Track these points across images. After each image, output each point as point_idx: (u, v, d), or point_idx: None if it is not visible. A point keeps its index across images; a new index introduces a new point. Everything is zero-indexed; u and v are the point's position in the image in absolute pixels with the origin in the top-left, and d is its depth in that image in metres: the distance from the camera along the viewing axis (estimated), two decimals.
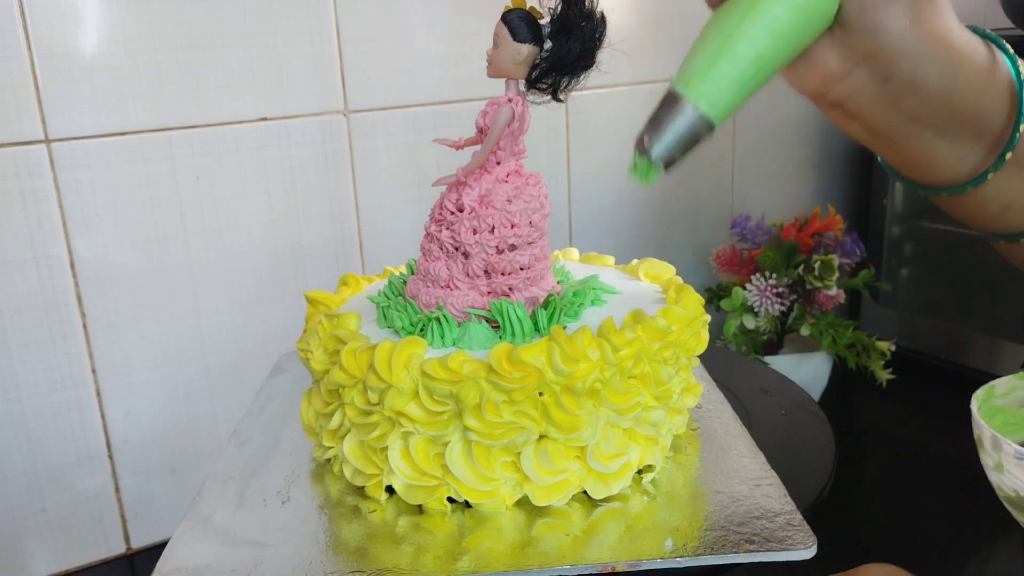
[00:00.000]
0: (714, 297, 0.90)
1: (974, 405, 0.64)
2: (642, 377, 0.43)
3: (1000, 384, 0.68)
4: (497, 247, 0.44)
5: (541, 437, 0.41)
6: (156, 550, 0.73)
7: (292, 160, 0.73)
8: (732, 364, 0.59)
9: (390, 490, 0.43)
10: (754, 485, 0.43)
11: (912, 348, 1.02)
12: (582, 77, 0.43)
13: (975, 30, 0.39)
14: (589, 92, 0.87)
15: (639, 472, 0.44)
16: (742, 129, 1.00)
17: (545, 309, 0.45)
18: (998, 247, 0.46)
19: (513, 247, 0.44)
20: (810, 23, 0.36)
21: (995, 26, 1.13)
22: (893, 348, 0.87)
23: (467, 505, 0.43)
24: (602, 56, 0.44)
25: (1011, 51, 0.39)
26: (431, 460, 0.42)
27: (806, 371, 0.88)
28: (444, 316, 0.44)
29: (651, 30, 0.89)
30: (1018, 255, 0.45)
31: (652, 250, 0.96)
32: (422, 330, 0.44)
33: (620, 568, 0.38)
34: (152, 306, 0.69)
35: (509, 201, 0.44)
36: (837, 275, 0.83)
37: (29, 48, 0.61)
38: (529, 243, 0.45)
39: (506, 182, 0.44)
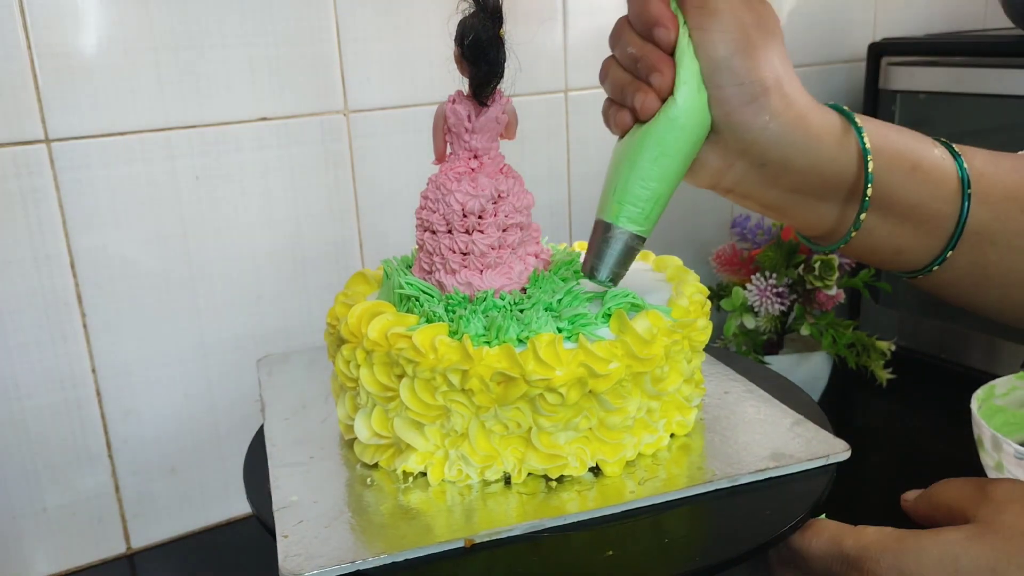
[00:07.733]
0: (714, 297, 0.90)
1: (974, 405, 0.64)
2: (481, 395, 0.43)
3: (1000, 384, 0.68)
4: (422, 224, 0.49)
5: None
6: (156, 550, 0.73)
7: (292, 160, 0.73)
8: (732, 364, 0.59)
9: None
10: None
11: (912, 348, 1.02)
12: (494, 83, 0.45)
13: (831, 106, 0.46)
14: (589, 92, 0.87)
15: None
16: None
17: (423, 297, 0.47)
18: (909, 282, 0.50)
19: (433, 232, 0.48)
20: (693, 137, 0.43)
21: (995, 26, 1.13)
22: (893, 348, 0.87)
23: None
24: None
25: (858, 122, 0.45)
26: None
27: (806, 371, 0.88)
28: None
29: None
30: (924, 287, 0.50)
31: (652, 250, 0.96)
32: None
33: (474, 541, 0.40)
34: (152, 306, 0.69)
35: (437, 188, 0.48)
36: (837, 275, 0.83)
37: (29, 48, 0.61)
38: (447, 232, 0.47)
39: (440, 173, 0.48)
